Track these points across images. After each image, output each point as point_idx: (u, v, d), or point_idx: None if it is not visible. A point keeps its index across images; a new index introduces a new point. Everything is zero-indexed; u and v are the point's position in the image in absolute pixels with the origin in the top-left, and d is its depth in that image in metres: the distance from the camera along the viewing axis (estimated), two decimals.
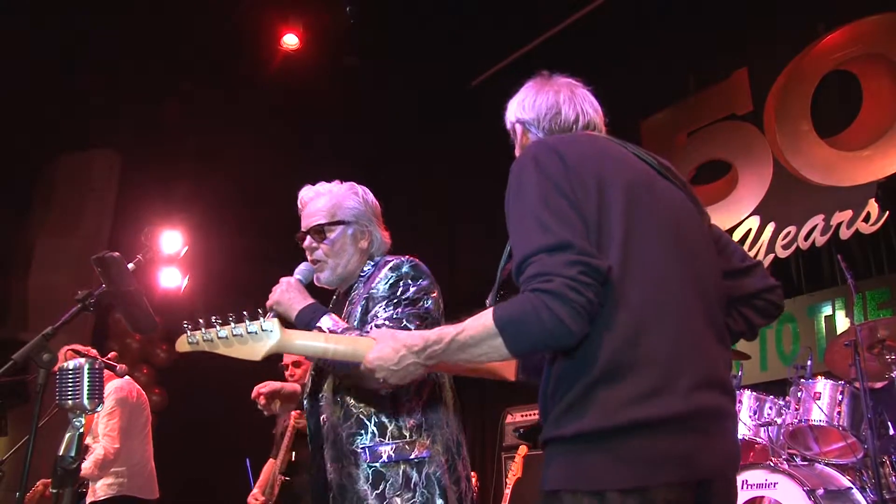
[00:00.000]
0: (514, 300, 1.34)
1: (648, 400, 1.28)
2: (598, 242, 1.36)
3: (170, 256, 5.96)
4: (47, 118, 6.36)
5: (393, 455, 1.92)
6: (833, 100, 5.26)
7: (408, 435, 1.95)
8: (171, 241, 5.61)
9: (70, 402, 1.93)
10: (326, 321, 1.96)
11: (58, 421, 2.29)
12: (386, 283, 2.01)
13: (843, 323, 4.86)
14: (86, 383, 1.93)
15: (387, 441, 1.94)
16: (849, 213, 4.87)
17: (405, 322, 1.92)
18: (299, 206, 2.26)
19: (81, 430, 1.94)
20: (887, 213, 4.70)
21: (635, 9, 6.08)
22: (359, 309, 2.05)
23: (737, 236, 5.35)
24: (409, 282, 2.01)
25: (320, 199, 2.20)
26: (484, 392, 7.09)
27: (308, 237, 2.17)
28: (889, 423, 3.64)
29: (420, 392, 2.00)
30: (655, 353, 1.31)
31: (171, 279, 6.59)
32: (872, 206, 4.78)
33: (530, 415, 5.66)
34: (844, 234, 4.86)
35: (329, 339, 1.58)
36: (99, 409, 1.96)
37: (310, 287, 2.17)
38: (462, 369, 1.88)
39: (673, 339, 1.34)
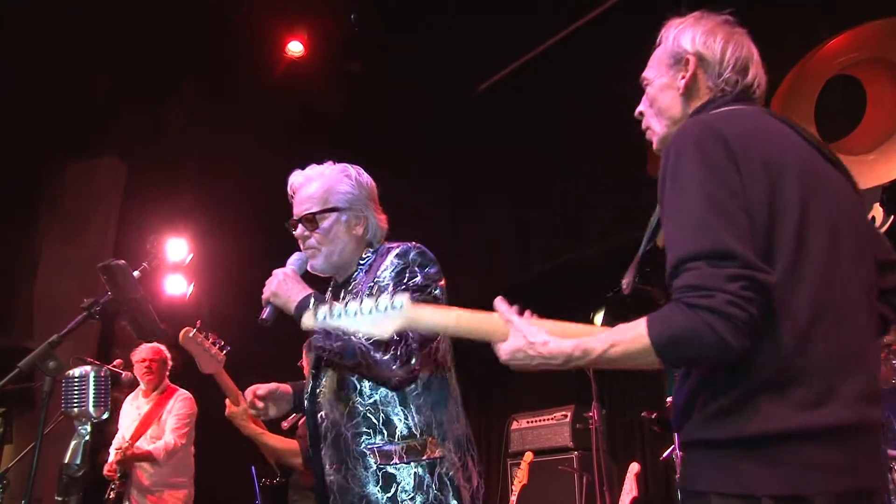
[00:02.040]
0: (669, 313, 1.25)
1: (813, 408, 1.23)
2: (767, 241, 1.27)
3: (175, 264, 5.98)
4: (52, 127, 6.39)
5: (404, 456, 1.84)
6: (837, 104, 5.25)
7: (418, 434, 1.87)
8: (177, 248, 5.63)
9: (76, 409, 1.94)
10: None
11: (63, 429, 2.29)
12: (393, 271, 1.93)
13: None
14: (91, 391, 1.94)
15: (396, 441, 1.86)
16: None
17: None
18: (289, 192, 2.17)
19: (87, 438, 1.94)
20: (892, 217, 4.69)
21: (640, 14, 6.08)
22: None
23: None
24: (417, 269, 1.93)
25: (311, 185, 2.11)
26: (490, 399, 7.08)
27: (300, 225, 2.09)
28: (878, 424, 3.62)
29: (428, 387, 1.92)
30: (821, 362, 1.26)
31: (177, 286, 6.59)
32: (877, 211, 4.76)
33: (536, 421, 5.65)
34: None
35: (461, 316, 1.45)
36: (105, 416, 1.97)
37: (305, 276, 2.08)
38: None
39: (840, 348, 1.28)
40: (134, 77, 6.25)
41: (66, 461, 1.92)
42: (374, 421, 1.88)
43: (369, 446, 1.87)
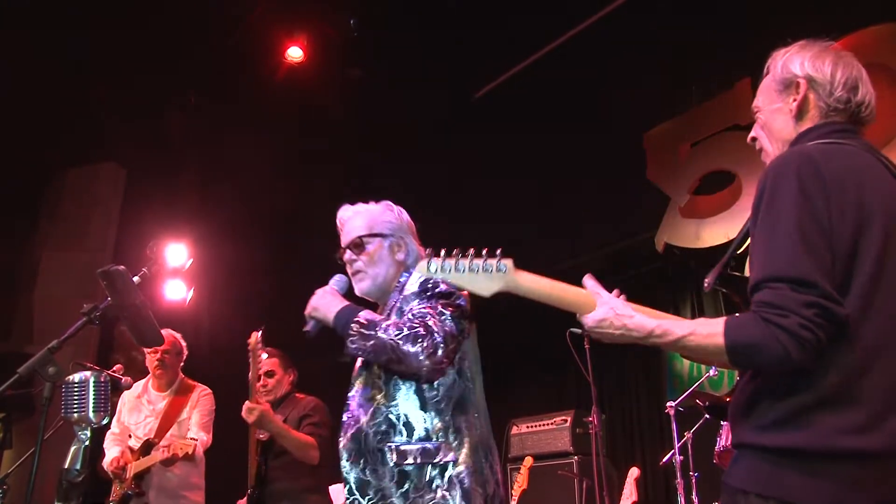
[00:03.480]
0: (746, 322, 1.37)
1: (862, 433, 1.32)
2: (844, 275, 1.38)
3: (175, 269, 5.98)
4: (52, 132, 6.40)
5: (419, 458, 2.00)
6: None
7: (434, 437, 2.02)
8: (176, 253, 5.63)
9: (76, 414, 1.94)
10: (368, 314, 2.06)
11: (63, 434, 2.29)
12: (416, 283, 2.13)
13: None
14: (91, 396, 1.94)
15: (414, 442, 2.02)
16: None
17: (440, 309, 2.04)
18: (339, 225, 2.38)
19: (87, 443, 1.94)
20: None
21: (637, 20, 6.11)
22: (394, 316, 2.14)
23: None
24: (440, 281, 2.05)
25: (358, 217, 2.33)
26: (489, 404, 7.08)
27: (348, 251, 2.29)
28: None
29: (450, 394, 2.08)
30: (878, 391, 1.35)
31: (177, 292, 6.59)
32: None
33: (535, 426, 5.65)
34: None
35: (554, 287, 1.60)
36: (105, 421, 1.97)
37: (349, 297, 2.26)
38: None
39: (894, 382, 1.37)
40: (134, 82, 6.26)
41: (65, 466, 1.92)
42: (395, 422, 2.05)
43: (389, 445, 2.03)
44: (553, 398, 6.69)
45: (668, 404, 4.34)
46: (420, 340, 1.96)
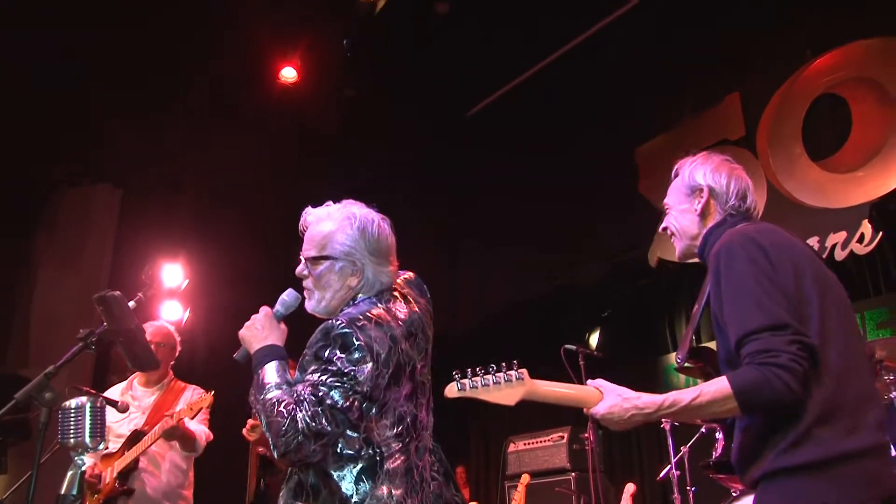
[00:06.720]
0: (745, 371, 1.63)
1: (850, 435, 1.61)
2: (800, 317, 1.67)
3: (171, 290, 5.97)
4: (47, 153, 6.42)
5: None
6: (824, 123, 5.32)
7: (336, 502, 1.81)
8: (172, 274, 5.62)
9: (72, 440, 1.95)
10: (269, 372, 1.85)
11: (59, 459, 2.29)
12: (315, 347, 1.86)
13: None
14: (87, 422, 1.95)
15: None
16: (843, 235, 4.91)
17: (331, 392, 1.77)
18: (301, 229, 2.14)
19: (83, 468, 1.95)
20: (881, 233, 4.74)
21: (628, 37, 6.17)
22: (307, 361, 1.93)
23: None
24: (338, 352, 1.81)
25: (316, 227, 2.07)
26: (487, 421, 7.07)
27: (302, 264, 2.07)
28: (890, 446, 3.64)
29: (354, 462, 1.85)
30: (850, 400, 1.65)
31: (173, 312, 6.58)
32: (866, 227, 4.82)
33: (532, 443, 5.65)
34: (840, 255, 4.89)
35: (564, 387, 1.80)
36: (101, 446, 1.97)
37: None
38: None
39: (859, 390, 1.69)
40: (129, 103, 6.29)
41: (62, 492, 1.92)
42: (304, 482, 1.89)
43: None
44: (549, 414, 6.68)
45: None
46: (281, 436, 1.72)
